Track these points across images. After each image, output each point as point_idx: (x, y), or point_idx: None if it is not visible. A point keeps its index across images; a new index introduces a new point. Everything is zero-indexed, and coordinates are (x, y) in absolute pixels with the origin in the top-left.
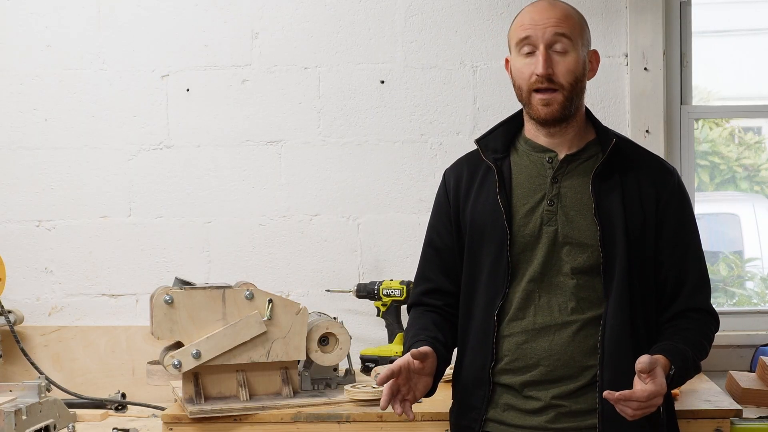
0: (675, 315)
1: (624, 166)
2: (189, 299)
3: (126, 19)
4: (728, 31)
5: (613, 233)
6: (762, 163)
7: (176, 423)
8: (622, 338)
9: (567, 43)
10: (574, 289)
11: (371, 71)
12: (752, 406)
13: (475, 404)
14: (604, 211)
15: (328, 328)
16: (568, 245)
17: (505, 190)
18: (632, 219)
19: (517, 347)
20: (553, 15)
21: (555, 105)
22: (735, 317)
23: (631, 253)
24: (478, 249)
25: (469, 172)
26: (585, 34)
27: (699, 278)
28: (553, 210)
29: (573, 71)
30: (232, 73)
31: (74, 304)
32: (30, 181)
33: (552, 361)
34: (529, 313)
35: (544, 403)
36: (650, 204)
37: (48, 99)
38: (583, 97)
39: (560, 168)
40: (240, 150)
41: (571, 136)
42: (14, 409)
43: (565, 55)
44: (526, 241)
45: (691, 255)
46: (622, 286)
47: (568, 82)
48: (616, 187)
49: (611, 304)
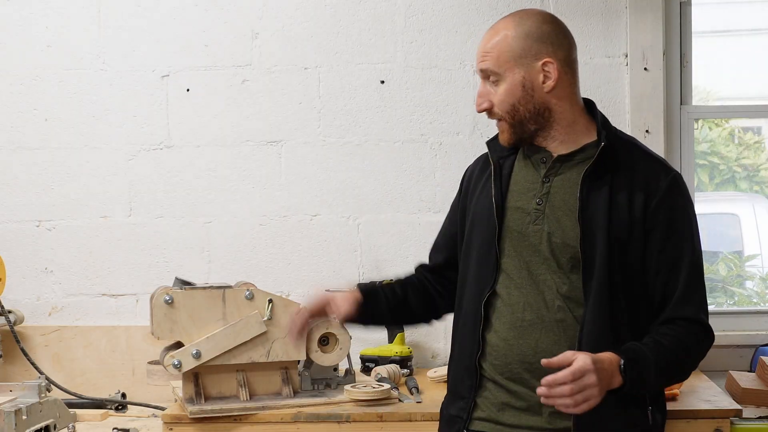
0: (661, 323)
1: (617, 168)
2: (189, 299)
3: (126, 19)
4: (728, 31)
5: (594, 237)
6: (761, 163)
7: (176, 423)
8: (600, 342)
9: (495, 75)
10: (560, 289)
11: (371, 71)
12: (752, 406)
13: (464, 394)
14: (587, 213)
15: (328, 328)
16: (553, 245)
17: (501, 187)
18: (617, 223)
19: (504, 342)
20: (482, 48)
21: (505, 133)
22: (735, 317)
23: (612, 258)
24: (470, 242)
25: (480, 170)
26: (522, 54)
27: (689, 288)
28: (541, 209)
29: (504, 101)
30: (232, 73)
31: (74, 304)
32: (30, 181)
33: (537, 359)
34: (517, 309)
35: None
36: (638, 208)
37: (48, 99)
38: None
39: (552, 168)
40: (240, 150)
41: (560, 139)
42: (14, 409)
43: (497, 86)
44: (514, 237)
45: (682, 263)
46: (601, 289)
47: (505, 111)
48: (605, 190)
49: (590, 307)
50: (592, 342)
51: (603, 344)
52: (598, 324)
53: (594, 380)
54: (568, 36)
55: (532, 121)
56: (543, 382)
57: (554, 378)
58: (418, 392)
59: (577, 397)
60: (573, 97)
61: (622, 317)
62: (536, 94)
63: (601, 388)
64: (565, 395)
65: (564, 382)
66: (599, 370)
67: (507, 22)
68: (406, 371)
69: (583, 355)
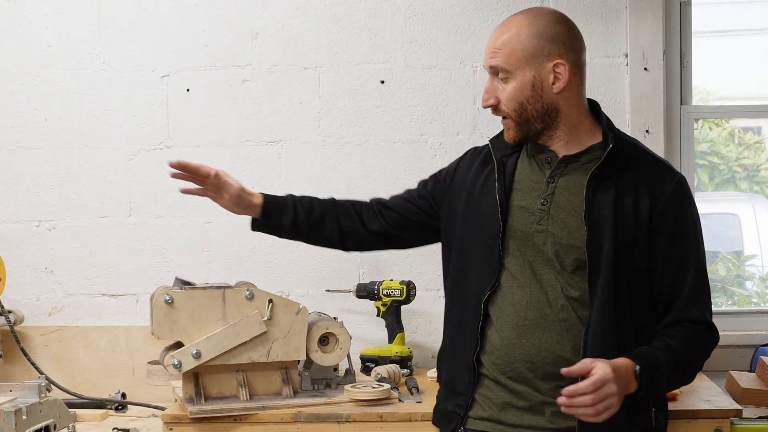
0: (668, 325)
1: (624, 170)
2: (189, 299)
3: (126, 19)
4: (728, 31)
5: (600, 238)
6: (761, 163)
7: (176, 423)
8: (606, 344)
9: (504, 72)
10: (565, 289)
11: (371, 71)
12: (752, 406)
13: (461, 390)
14: (594, 215)
15: (328, 328)
16: (558, 245)
17: (505, 186)
18: (623, 225)
19: (506, 341)
20: (492, 44)
21: (510, 130)
22: (735, 317)
23: (618, 260)
24: (471, 239)
25: (480, 164)
26: (534, 53)
27: (696, 290)
28: (546, 209)
29: (512, 99)
30: (232, 73)
31: (74, 304)
32: (30, 181)
33: (540, 358)
34: (519, 308)
35: (530, 402)
36: (644, 211)
37: (48, 99)
38: (555, 110)
39: (557, 168)
40: (240, 150)
41: (565, 140)
42: (14, 409)
43: (506, 83)
44: (518, 237)
45: (688, 265)
46: (607, 291)
47: (512, 109)
48: (611, 191)
49: (595, 308)
50: (597, 343)
51: (608, 345)
52: (603, 325)
53: (614, 390)
54: (580, 38)
55: (539, 120)
56: (564, 392)
57: (576, 388)
58: (418, 392)
59: (599, 406)
60: (580, 98)
61: (626, 319)
62: (545, 95)
63: (620, 396)
64: (587, 405)
65: (585, 392)
66: (618, 379)
67: (520, 19)
68: (406, 371)
69: (602, 364)
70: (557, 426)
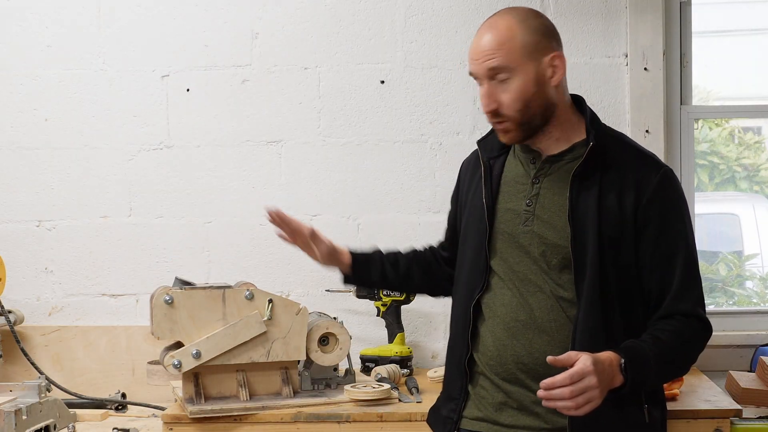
0: (658, 319)
1: (607, 167)
2: (189, 299)
3: (126, 19)
4: (728, 31)
5: (584, 236)
6: (761, 163)
7: (176, 423)
8: (594, 341)
9: (505, 72)
10: (554, 289)
11: (371, 71)
12: (752, 406)
13: (454, 395)
14: (578, 213)
15: (328, 328)
16: (544, 245)
17: (492, 188)
18: (607, 222)
19: (498, 343)
20: (487, 46)
21: (512, 132)
22: (735, 317)
23: (604, 257)
24: (464, 242)
25: (473, 166)
26: (533, 48)
27: (685, 283)
28: (531, 210)
29: (518, 99)
30: (232, 73)
31: (74, 304)
32: (30, 181)
33: (531, 360)
34: (509, 310)
35: (523, 403)
36: (629, 206)
37: (48, 99)
38: (553, 104)
39: (542, 168)
40: (240, 150)
41: (554, 138)
42: (14, 409)
43: (507, 84)
44: (505, 239)
45: (677, 259)
46: (593, 289)
47: (516, 110)
48: (594, 189)
49: (583, 307)
50: (585, 341)
51: (597, 343)
52: (591, 323)
53: (594, 382)
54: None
55: (540, 116)
56: (542, 385)
57: (553, 381)
58: (418, 392)
59: (578, 399)
60: (566, 92)
61: (615, 316)
62: (546, 89)
63: (602, 389)
64: (565, 397)
65: (563, 384)
66: (600, 372)
67: (506, 19)
68: (406, 371)
69: (585, 356)
70: (552, 426)
